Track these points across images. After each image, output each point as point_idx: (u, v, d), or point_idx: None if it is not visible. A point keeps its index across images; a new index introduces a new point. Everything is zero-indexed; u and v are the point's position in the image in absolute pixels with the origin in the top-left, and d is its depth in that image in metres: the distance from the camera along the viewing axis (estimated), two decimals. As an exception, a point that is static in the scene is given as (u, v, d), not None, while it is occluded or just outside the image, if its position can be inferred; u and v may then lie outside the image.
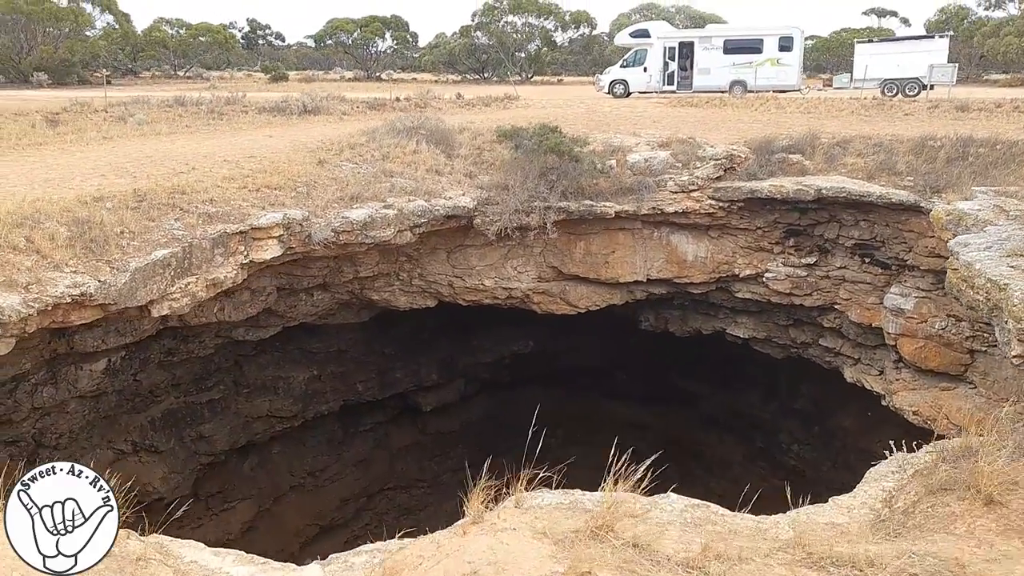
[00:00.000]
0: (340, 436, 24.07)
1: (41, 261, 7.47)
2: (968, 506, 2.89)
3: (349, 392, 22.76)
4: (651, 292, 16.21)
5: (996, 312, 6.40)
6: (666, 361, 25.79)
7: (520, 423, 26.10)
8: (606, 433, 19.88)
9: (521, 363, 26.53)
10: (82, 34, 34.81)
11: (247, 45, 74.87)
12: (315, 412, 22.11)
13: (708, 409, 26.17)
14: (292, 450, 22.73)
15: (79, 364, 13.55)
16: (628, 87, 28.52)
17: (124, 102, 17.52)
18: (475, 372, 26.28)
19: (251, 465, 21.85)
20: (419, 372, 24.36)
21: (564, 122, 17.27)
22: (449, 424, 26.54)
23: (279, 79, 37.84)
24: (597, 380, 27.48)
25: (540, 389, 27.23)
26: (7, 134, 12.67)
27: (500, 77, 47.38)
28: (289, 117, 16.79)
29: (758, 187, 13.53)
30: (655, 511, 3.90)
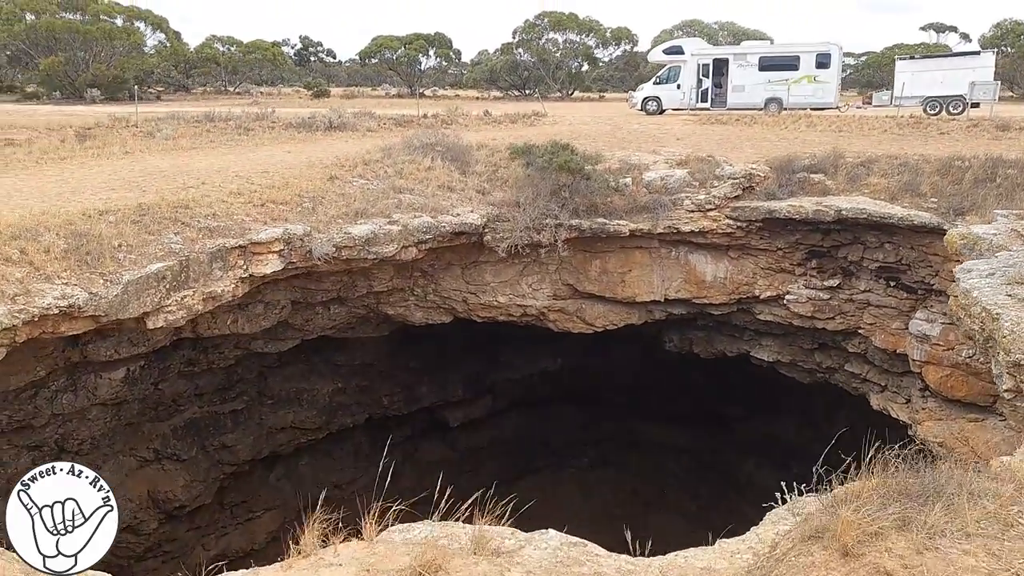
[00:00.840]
0: (367, 449, 24.10)
1: (33, 273, 7.65)
2: (827, 556, 2.68)
3: (374, 406, 22.83)
4: (670, 312, 15.92)
5: (990, 343, 6.05)
6: (698, 382, 25.30)
7: (552, 441, 26.04)
8: (639, 454, 19.54)
9: (551, 381, 26.33)
10: (134, 52, 36.14)
11: (299, 62, 76.68)
12: (340, 425, 22.19)
13: (743, 433, 25.56)
14: (319, 462, 22.83)
15: (98, 372, 13.87)
16: (661, 104, 28.25)
17: (158, 117, 18.04)
18: (503, 389, 26.14)
19: (277, 476, 22.03)
20: (445, 387, 24.34)
21: (586, 139, 17.16)
22: (479, 440, 26.43)
23: (321, 95, 38.59)
24: (629, 400, 27.08)
25: (572, 408, 27.05)
26: (38, 148, 13.15)
27: (541, 94, 47.50)
28: (314, 133, 17.05)
29: (776, 207, 13.19)
30: (527, 548, 3.73)
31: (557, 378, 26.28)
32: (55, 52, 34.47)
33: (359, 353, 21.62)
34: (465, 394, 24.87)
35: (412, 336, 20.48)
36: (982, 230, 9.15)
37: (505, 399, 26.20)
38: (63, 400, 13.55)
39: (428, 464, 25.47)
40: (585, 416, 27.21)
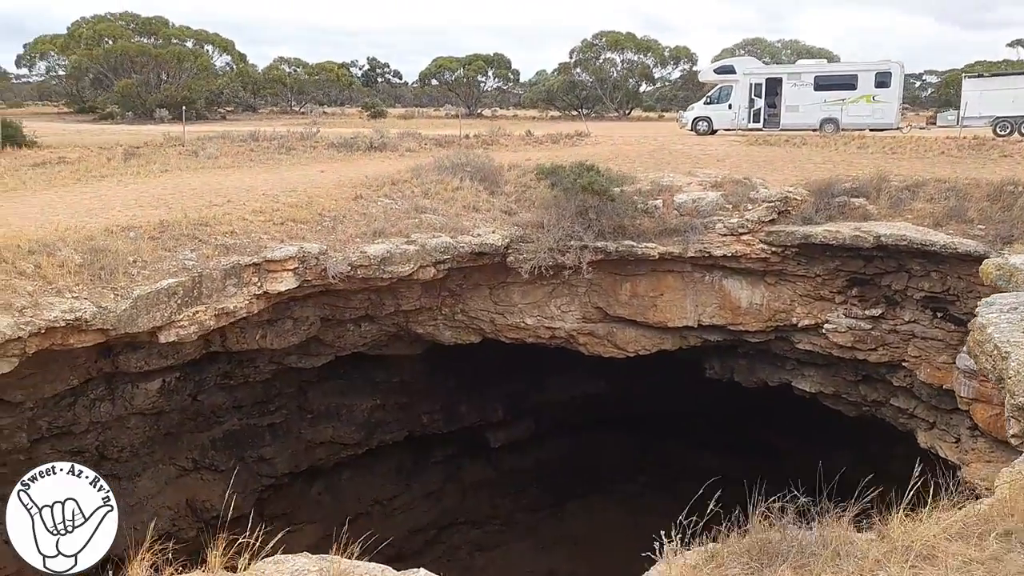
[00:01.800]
0: (409, 466, 24.16)
1: (45, 286, 7.91)
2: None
3: (413, 423, 22.86)
4: (706, 339, 15.47)
5: (1001, 383, 5.59)
6: (746, 410, 24.51)
7: (597, 466, 25.51)
8: (687, 482, 18.98)
9: (595, 405, 25.93)
10: (203, 74, 37.81)
11: (366, 83, 78.58)
12: (379, 441, 22.28)
13: (794, 466, 24.60)
14: (360, 477, 22.96)
15: (135, 383, 14.30)
16: (712, 124, 27.67)
17: (208, 136, 18.64)
18: (546, 411, 25.86)
19: (319, 489, 22.24)
20: (485, 408, 24.22)
21: (624, 160, 16.93)
22: (522, 462, 26.18)
23: (378, 116, 39.41)
24: (676, 426, 26.45)
25: (619, 433, 26.54)
26: (84, 167, 13.74)
27: (598, 113, 47.34)
28: (354, 153, 17.31)
29: (812, 232, 12.67)
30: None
31: (602, 403, 25.86)
32: (130, 74, 36.35)
33: (398, 370, 21.72)
34: (505, 415, 24.71)
35: (451, 355, 20.48)
36: (1019, 260, 8.55)
37: (548, 422, 25.91)
38: (101, 408, 14.00)
39: (471, 484, 25.40)
40: (634, 442, 26.67)
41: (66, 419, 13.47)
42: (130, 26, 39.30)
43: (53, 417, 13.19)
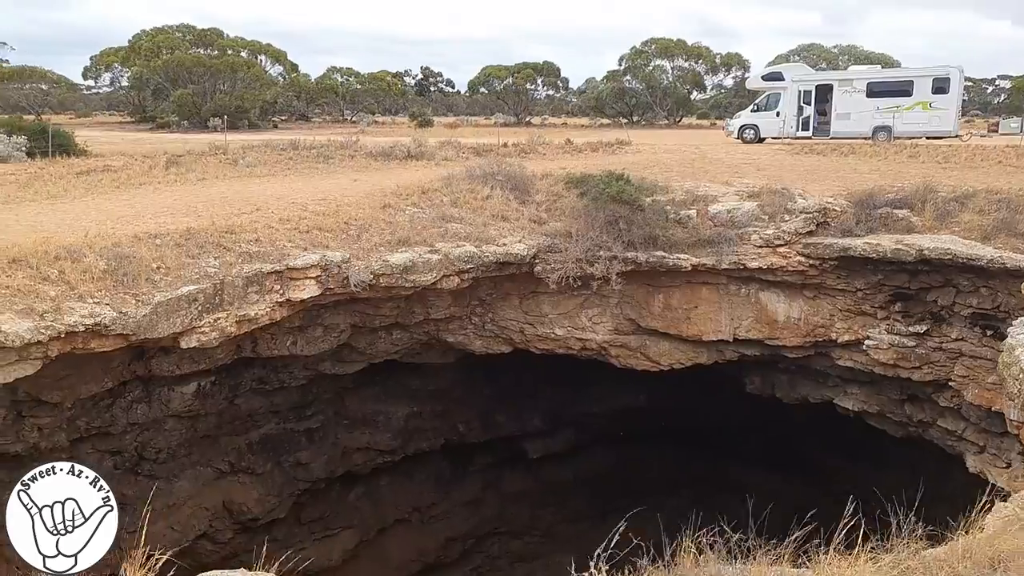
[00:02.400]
0: (448, 475, 24.15)
1: (68, 291, 8.09)
2: None
3: (450, 431, 22.86)
4: (743, 353, 15.06)
5: (1028, 411, 5.20)
6: (793, 426, 23.81)
7: (640, 479, 25.14)
8: (735, 499, 18.45)
9: (635, 418, 25.55)
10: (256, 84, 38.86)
11: (419, 92, 79.53)
12: (416, 448, 22.32)
13: (845, 486, 23.79)
14: (399, 483, 23.03)
15: (171, 386, 14.60)
16: (759, 132, 27.03)
17: (252, 145, 19.02)
18: (586, 423, 25.59)
19: (357, 494, 22.39)
20: (522, 417, 24.08)
21: (662, 169, 16.64)
22: (563, 473, 25.95)
23: (425, 124, 39.76)
24: (721, 441, 25.86)
25: (661, 446, 26.07)
26: (125, 175, 14.13)
27: (648, 121, 46.83)
28: (390, 162, 17.41)
29: (851, 245, 12.21)
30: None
31: (643, 416, 25.47)
32: (187, 84, 37.52)
33: (434, 378, 21.73)
34: (543, 425, 24.53)
35: (487, 364, 20.43)
36: (1065, 278, 8.02)
37: (589, 434, 25.62)
38: (137, 410, 14.32)
39: (511, 495, 25.25)
40: (677, 456, 26.18)
41: (104, 420, 13.81)
42: (187, 37, 40.65)
43: (91, 418, 13.54)
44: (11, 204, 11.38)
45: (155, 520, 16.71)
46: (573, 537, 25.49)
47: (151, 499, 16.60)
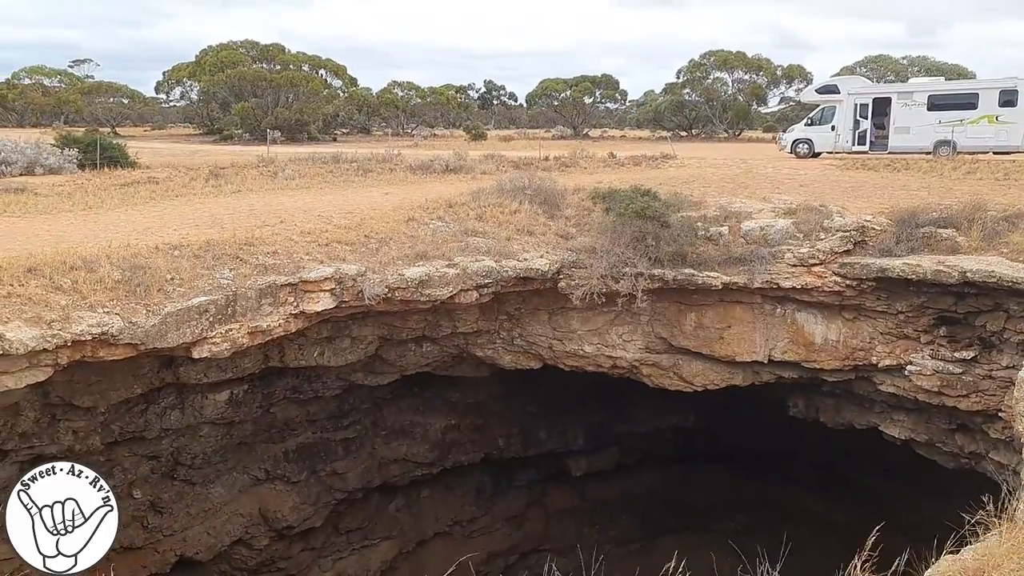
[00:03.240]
0: (489, 489, 24.02)
1: (79, 301, 8.31)
2: None
3: (489, 445, 22.71)
4: (780, 375, 14.50)
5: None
6: (846, 451, 22.83)
7: (692, 501, 24.43)
8: (792, 525, 17.66)
9: (684, 438, 24.96)
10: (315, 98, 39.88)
11: (483, 105, 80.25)
12: (454, 461, 22.26)
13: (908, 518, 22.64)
14: (439, 496, 23.01)
15: (204, 393, 14.89)
16: (813, 147, 26.08)
17: (299, 158, 19.40)
18: (631, 442, 25.11)
19: (397, 506, 22.46)
20: (565, 434, 23.78)
21: (700, 183, 16.24)
22: (610, 492, 25.54)
23: (479, 138, 40.02)
24: (775, 464, 25.02)
25: (715, 468, 25.39)
26: (165, 187, 14.58)
27: (708, 134, 45.97)
28: (428, 175, 17.48)
29: (889, 265, 11.59)
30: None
31: (691, 436, 24.85)
32: (250, 98, 38.81)
33: (473, 391, 21.64)
34: (586, 443, 24.16)
35: (526, 379, 20.26)
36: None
37: (635, 453, 25.14)
38: (171, 416, 14.65)
39: (556, 512, 24.94)
40: (729, 478, 25.44)
41: (137, 425, 14.17)
42: (251, 52, 42.09)
43: (125, 422, 13.90)
44: (48, 214, 11.85)
45: (191, 524, 17.15)
46: (622, 557, 25.00)
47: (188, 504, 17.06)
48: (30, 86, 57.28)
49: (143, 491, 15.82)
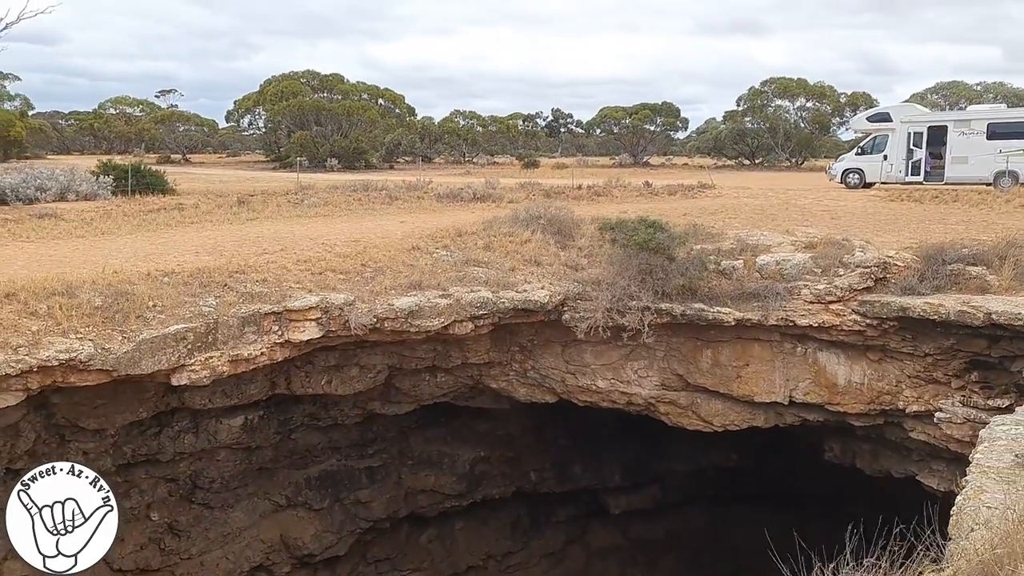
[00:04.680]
0: (526, 524, 23.52)
1: (52, 326, 8.45)
2: None
3: (522, 479, 22.26)
4: (804, 418, 13.66)
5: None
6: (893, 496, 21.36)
7: (742, 543, 23.34)
8: None
9: (728, 478, 23.91)
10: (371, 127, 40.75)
11: (550, 133, 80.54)
12: (485, 494, 21.87)
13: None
14: (473, 529, 22.64)
15: (218, 418, 15.03)
16: (864, 177, 24.73)
17: (337, 185, 19.67)
18: (672, 480, 24.22)
19: (429, 537, 22.18)
20: (601, 470, 23.13)
21: (729, 214, 15.65)
22: (653, 531, 24.67)
23: (531, 166, 39.96)
24: (825, 507, 23.64)
25: (761, 509, 24.18)
26: (187, 214, 14.94)
27: (770, 163, 44.65)
28: (455, 203, 17.39)
29: (910, 304, 10.77)
30: None
31: (736, 476, 23.79)
32: (312, 127, 40.01)
33: (502, 423, 21.26)
34: (623, 480, 23.43)
35: (557, 411, 19.81)
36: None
37: (678, 492, 24.23)
38: (185, 440, 14.81)
39: (598, 550, 24.20)
40: (782, 521, 24.18)
41: (151, 448, 14.38)
42: (312, 82, 43.45)
43: (137, 445, 14.13)
44: (60, 239, 12.24)
45: (209, 549, 17.27)
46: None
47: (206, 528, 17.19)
48: (114, 115, 60.82)
49: (160, 513, 16.00)
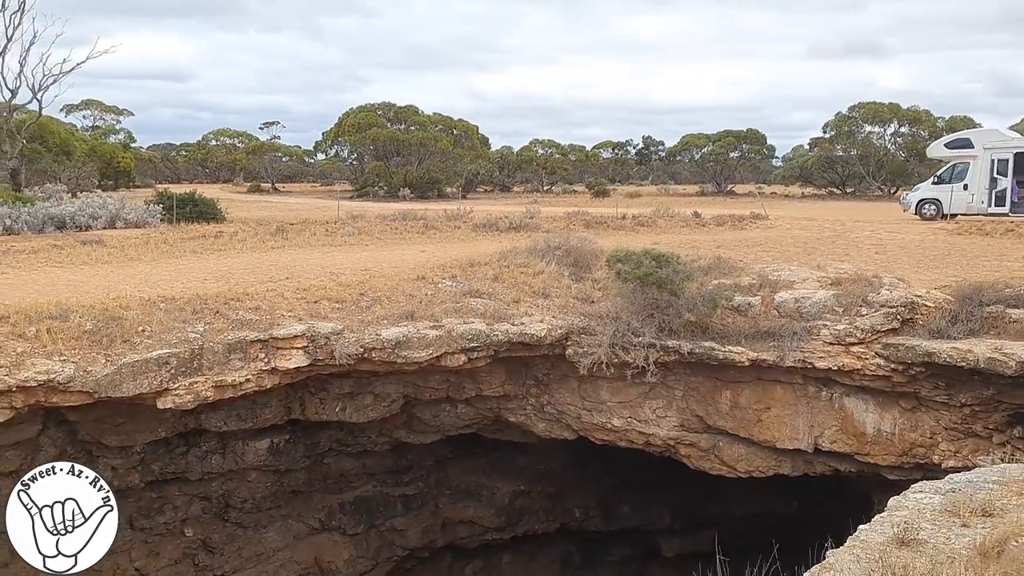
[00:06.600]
0: (577, 561, 22.93)
1: (37, 348, 8.82)
2: None
3: (565, 516, 21.71)
4: (834, 467, 12.66)
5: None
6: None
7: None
8: None
9: (791, 528, 22.50)
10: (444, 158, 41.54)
11: (640, 160, 79.87)
12: (526, 529, 21.46)
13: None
14: (521, 563, 22.25)
15: (245, 440, 15.36)
16: (941, 208, 22.68)
17: (386, 215, 19.96)
18: (730, 526, 22.99)
19: (474, 568, 21.96)
20: (650, 511, 22.25)
21: (770, 246, 14.89)
22: (717, 576, 23.45)
23: (601, 194, 39.42)
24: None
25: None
26: (218, 241, 15.46)
27: (861, 191, 42.34)
28: (490, 233, 17.27)
29: (936, 349, 9.78)
30: None
31: (799, 527, 22.33)
32: (391, 157, 41.15)
33: (542, 458, 20.82)
34: (674, 522, 22.44)
35: (601, 448, 19.25)
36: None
37: (737, 538, 22.95)
38: (212, 460, 15.20)
39: (658, 593, 23.24)
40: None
41: (178, 466, 14.82)
42: (388, 114, 44.69)
43: (164, 463, 14.58)
44: (86, 265, 12.89)
45: (243, 567, 17.60)
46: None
47: (239, 547, 17.54)
48: (216, 147, 64.80)
49: (195, 529, 16.44)
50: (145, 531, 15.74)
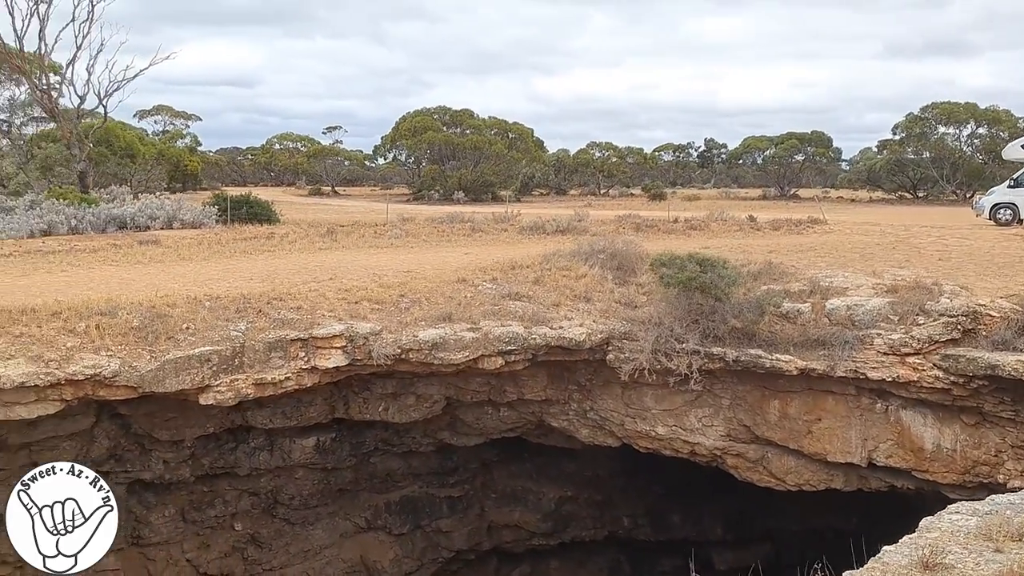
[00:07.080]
0: (627, 570, 22.65)
1: (86, 343, 9.09)
2: None
3: (614, 524, 21.44)
4: (891, 483, 12.11)
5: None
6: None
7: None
8: None
9: (850, 545, 21.67)
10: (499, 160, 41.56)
11: (702, 163, 78.60)
12: (573, 535, 21.27)
13: None
14: (570, 570, 22.09)
15: (292, 438, 15.59)
16: (1018, 212, 21.47)
17: (436, 218, 20.07)
18: (788, 540, 22.39)
19: (521, 573, 21.88)
20: (701, 522, 21.81)
21: (825, 252, 14.39)
22: (769, 592, 22.88)
23: (657, 197, 38.79)
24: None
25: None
26: (271, 243, 15.75)
27: (935, 196, 40.57)
28: (535, 236, 17.13)
29: (1000, 362, 9.22)
30: None
31: (859, 543, 21.51)
32: (448, 160, 41.46)
33: (590, 464, 20.58)
34: (725, 533, 21.92)
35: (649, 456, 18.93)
36: None
37: (795, 552, 22.30)
38: (260, 457, 15.47)
39: (714, 608, 22.75)
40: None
41: (227, 461, 15.13)
42: (444, 118, 45.02)
43: (214, 458, 14.91)
44: (140, 263, 13.27)
45: (290, 563, 17.88)
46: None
47: (287, 542, 17.81)
48: (279, 151, 66.56)
49: (244, 524, 16.78)
50: (196, 523, 16.13)
